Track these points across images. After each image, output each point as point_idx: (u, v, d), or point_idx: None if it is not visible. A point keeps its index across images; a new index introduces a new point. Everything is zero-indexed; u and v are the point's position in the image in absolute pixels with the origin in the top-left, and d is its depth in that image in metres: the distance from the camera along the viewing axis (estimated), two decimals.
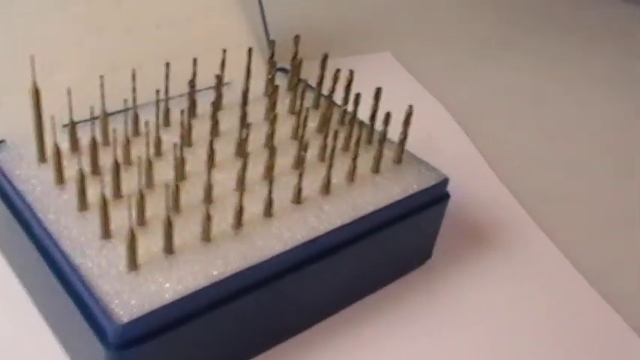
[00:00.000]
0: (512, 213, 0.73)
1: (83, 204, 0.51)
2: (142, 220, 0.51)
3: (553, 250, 0.69)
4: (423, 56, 1.01)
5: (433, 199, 0.61)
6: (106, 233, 0.49)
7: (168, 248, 0.49)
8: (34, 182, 0.53)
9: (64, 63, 0.64)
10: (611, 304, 0.63)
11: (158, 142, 0.57)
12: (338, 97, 0.64)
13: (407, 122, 0.60)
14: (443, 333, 0.58)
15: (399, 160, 0.61)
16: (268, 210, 0.53)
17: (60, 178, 0.54)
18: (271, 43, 0.66)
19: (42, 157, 0.56)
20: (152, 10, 0.70)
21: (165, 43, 0.70)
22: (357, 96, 0.61)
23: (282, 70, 0.70)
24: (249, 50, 0.65)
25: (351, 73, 0.63)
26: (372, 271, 0.60)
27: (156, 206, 0.51)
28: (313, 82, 0.66)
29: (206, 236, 0.50)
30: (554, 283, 0.65)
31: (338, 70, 0.63)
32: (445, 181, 0.61)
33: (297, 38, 0.66)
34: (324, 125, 0.63)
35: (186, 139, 0.59)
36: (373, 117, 0.62)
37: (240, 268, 0.48)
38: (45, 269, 0.49)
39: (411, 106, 0.59)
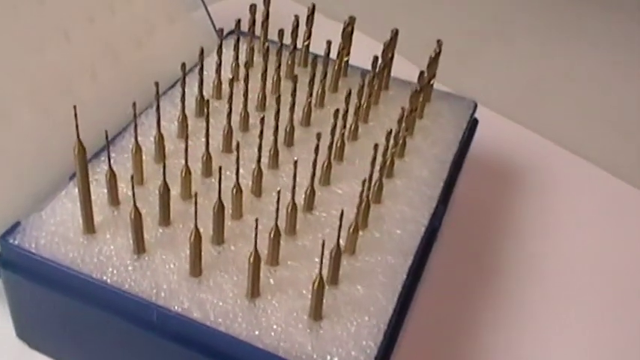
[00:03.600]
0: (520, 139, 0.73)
1: (198, 268, 0.41)
2: (276, 259, 0.43)
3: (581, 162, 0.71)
4: None
5: (472, 126, 0.59)
6: (256, 291, 0.41)
7: (335, 280, 0.42)
8: (111, 263, 0.42)
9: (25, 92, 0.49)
10: None
11: (209, 158, 0.48)
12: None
13: (436, 59, 0.56)
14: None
15: (428, 99, 0.58)
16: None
17: (141, 246, 0.42)
18: (252, 8, 0.56)
19: (90, 228, 0.43)
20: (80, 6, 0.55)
21: (103, 40, 0.56)
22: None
23: (242, 34, 0.61)
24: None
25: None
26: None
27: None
28: None
29: (351, 249, 0.44)
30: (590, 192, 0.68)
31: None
32: (475, 107, 0.59)
33: None
34: (336, 83, 0.58)
35: (228, 143, 0.50)
36: (375, 63, 0.56)
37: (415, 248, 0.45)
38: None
39: (439, 41, 0.56)
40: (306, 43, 0.58)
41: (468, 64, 0.84)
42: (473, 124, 0.59)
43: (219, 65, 0.54)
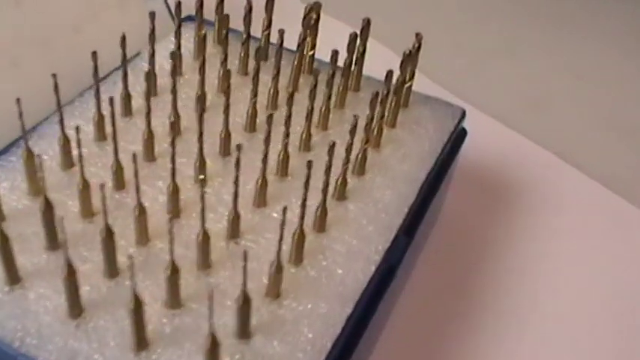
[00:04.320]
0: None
1: (77, 308, 0.33)
2: (177, 301, 0.34)
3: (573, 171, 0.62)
4: None
5: (458, 137, 0.50)
6: (143, 342, 0.32)
7: (245, 332, 0.33)
8: None
9: None
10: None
11: (119, 168, 0.39)
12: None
13: (414, 56, 0.47)
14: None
15: (405, 104, 0.49)
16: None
17: (15, 276, 0.34)
18: None
19: None
20: None
21: (30, 24, 0.49)
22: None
23: (189, 18, 0.53)
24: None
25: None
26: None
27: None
28: None
29: (275, 291, 0.35)
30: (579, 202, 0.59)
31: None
32: (463, 115, 0.50)
33: None
34: (296, 81, 0.49)
35: (148, 150, 0.42)
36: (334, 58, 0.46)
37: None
38: None
39: (419, 34, 0.47)
40: (265, 33, 0.50)
41: (467, 66, 0.74)
42: (459, 134, 0.50)
43: (152, 56, 0.46)
